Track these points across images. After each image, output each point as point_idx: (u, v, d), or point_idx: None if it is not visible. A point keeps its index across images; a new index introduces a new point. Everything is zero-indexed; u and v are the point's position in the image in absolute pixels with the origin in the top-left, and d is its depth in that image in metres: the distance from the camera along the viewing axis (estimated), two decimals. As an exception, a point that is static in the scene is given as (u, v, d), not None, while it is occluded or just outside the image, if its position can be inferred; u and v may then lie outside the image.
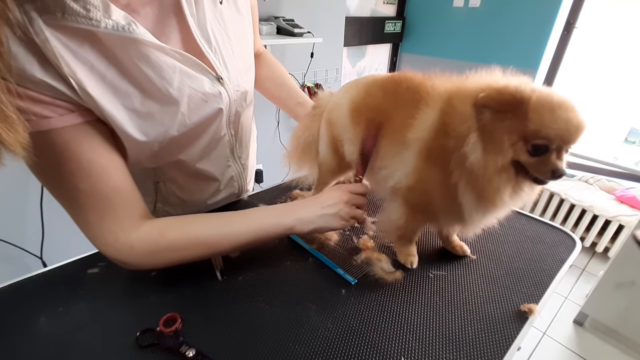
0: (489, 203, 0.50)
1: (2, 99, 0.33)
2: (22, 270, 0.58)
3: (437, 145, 0.51)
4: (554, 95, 0.44)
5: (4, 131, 0.34)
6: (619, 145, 2.04)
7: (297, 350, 0.47)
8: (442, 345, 0.49)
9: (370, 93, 0.63)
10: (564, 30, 2.24)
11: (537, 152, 0.45)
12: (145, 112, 0.50)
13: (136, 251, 0.51)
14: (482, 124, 0.46)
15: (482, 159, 0.47)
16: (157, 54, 0.48)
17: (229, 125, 0.66)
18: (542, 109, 0.43)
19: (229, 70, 0.59)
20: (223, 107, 0.60)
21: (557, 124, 0.43)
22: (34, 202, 1.28)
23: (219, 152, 0.68)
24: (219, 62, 0.57)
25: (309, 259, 0.64)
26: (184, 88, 0.52)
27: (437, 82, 0.55)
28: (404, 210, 0.60)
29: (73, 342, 0.48)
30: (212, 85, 0.56)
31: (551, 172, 0.45)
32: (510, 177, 0.48)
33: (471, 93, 0.48)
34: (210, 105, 0.58)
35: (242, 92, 0.64)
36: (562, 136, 0.43)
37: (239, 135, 0.72)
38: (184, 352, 0.45)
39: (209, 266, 0.61)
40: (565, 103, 0.43)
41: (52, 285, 0.57)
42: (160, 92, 0.50)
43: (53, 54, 0.40)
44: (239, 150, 0.74)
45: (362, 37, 2.55)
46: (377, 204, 0.81)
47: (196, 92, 0.54)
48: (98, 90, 0.45)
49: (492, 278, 0.62)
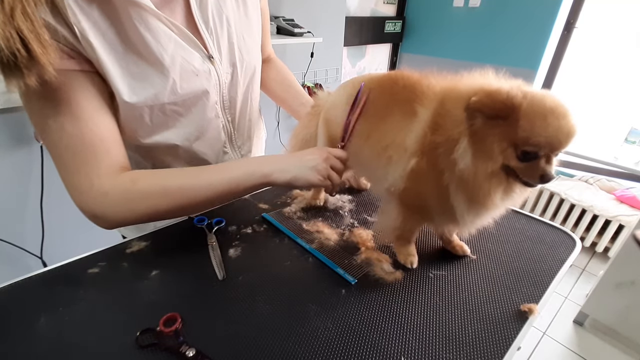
0: (480, 206, 0.50)
1: (38, 24, 0.40)
2: (22, 270, 0.58)
3: (431, 146, 0.51)
4: (547, 101, 0.43)
5: (41, 53, 0.40)
6: (619, 145, 2.04)
7: (297, 350, 0.47)
8: (442, 345, 0.49)
9: (367, 92, 0.63)
10: (564, 30, 2.24)
11: (526, 158, 0.45)
12: (138, 73, 0.53)
13: (109, 199, 0.52)
14: (474, 130, 0.46)
15: (472, 165, 0.47)
16: (157, 22, 0.53)
17: (224, 110, 0.68)
18: (533, 116, 0.42)
19: (222, 53, 0.63)
20: (212, 85, 0.63)
21: (547, 131, 0.42)
22: (34, 202, 1.28)
23: (213, 135, 0.69)
24: (213, 43, 0.61)
25: (309, 259, 0.64)
26: (177, 57, 0.56)
27: (432, 81, 0.55)
28: (401, 210, 0.60)
29: (73, 342, 0.47)
30: (202, 62, 0.60)
31: (540, 177, 0.45)
32: (501, 181, 0.48)
33: (463, 96, 0.47)
34: (200, 80, 0.60)
35: (233, 77, 0.67)
36: (552, 144, 0.43)
37: (238, 124, 0.74)
38: (184, 352, 0.45)
39: (209, 266, 0.61)
40: (557, 109, 0.42)
41: (52, 285, 0.57)
42: (154, 56, 0.54)
43: (62, 3, 0.44)
44: (238, 140, 0.76)
45: (362, 37, 2.55)
46: (375, 204, 0.81)
47: (188, 64, 0.58)
48: (98, 43, 0.48)
49: (492, 278, 0.62)
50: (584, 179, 2.33)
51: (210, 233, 0.68)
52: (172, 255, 0.63)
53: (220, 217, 0.72)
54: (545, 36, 2.21)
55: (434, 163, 0.50)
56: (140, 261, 0.62)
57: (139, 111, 0.56)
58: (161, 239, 0.68)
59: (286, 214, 0.76)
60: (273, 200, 0.81)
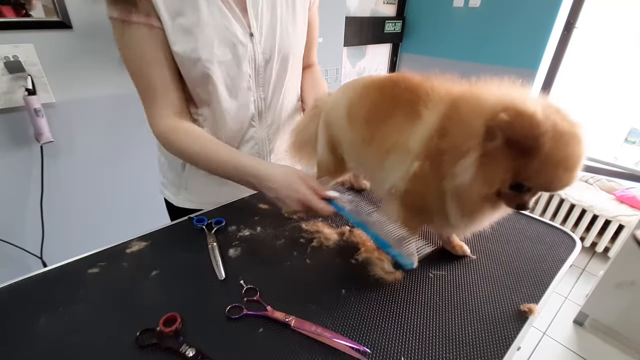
0: (470, 219, 0.51)
1: None
2: (22, 270, 0.58)
3: (436, 150, 0.49)
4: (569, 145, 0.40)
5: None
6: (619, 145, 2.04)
7: (297, 350, 0.47)
8: (442, 345, 0.49)
9: (368, 94, 0.62)
10: (564, 30, 2.24)
11: (516, 188, 0.44)
12: (185, 28, 0.64)
13: (157, 133, 0.71)
14: (487, 151, 0.43)
15: (470, 184, 0.45)
16: None
17: (257, 85, 0.76)
18: (549, 162, 0.40)
19: (262, 34, 0.71)
20: (247, 57, 0.71)
21: (551, 179, 0.42)
22: (34, 202, 1.28)
23: (243, 103, 0.76)
24: (256, 23, 0.70)
25: (308, 260, 0.64)
26: (220, 24, 0.66)
27: (436, 83, 0.54)
28: (401, 211, 0.59)
29: (73, 342, 0.48)
30: (243, 35, 0.69)
31: (517, 206, 0.46)
32: (491, 201, 0.48)
33: (487, 107, 0.43)
34: (237, 49, 0.69)
35: (270, 58, 0.74)
36: (548, 188, 0.44)
37: (270, 104, 0.80)
38: (184, 352, 0.45)
39: (209, 266, 0.61)
40: (572, 157, 0.41)
41: (52, 285, 0.57)
42: (203, 17, 0.64)
43: None
44: (268, 118, 0.81)
45: (362, 37, 2.54)
46: (376, 203, 0.81)
47: (229, 33, 0.67)
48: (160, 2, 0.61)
49: (492, 278, 0.62)
50: (584, 179, 2.33)
51: (210, 233, 0.68)
52: (172, 255, 0.64)
53: (220, 217, 0.72)
54: (545, 36, 2.21)
55: (438, 167, 0.49)
56: (140, 261, 0.62)
57: (184, 60, 0.66)
58: (161, 239, 0.68)
59: (286, 214, 0.76)
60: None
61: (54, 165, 1.29)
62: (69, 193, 1.36)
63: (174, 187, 0.86)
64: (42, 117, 1.17)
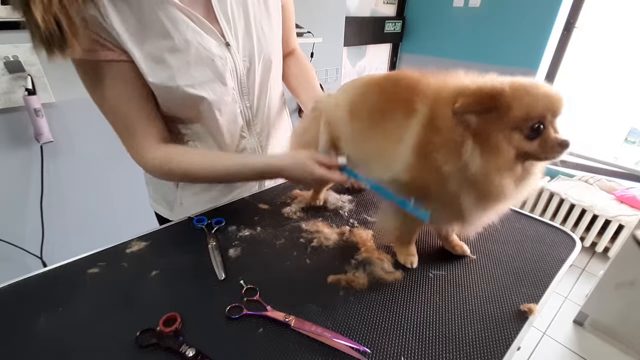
0: (492, 201, 0.50)
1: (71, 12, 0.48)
2: (22, 270, 0.58)
3: (430, 144, 0.50)
4: (523, 80, 0.46)
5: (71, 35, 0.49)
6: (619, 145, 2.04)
7: (297, 350, 0.47)
8: (442, 345, 0.49)
9: (369, 91, 0.63)
10: (564, 30, 2.24)
11: (536, 133, 0.46)
12: (157, 56, 0.59)
13: (150, 168, 0.67)
14: (474, 130, 0.47)
15: (483, 163, 0.47)
16: (176, 11, 0.58)
17: (241, 96, 0.73)
18: (520, 95, 0.45)
19: (239, 41, 0.67)
20: (228, 70, 0.67)
21: (540, 100, 0.45)
22: (34, 202, 1.28)
23: (230, 119, 0.73)
24: (230, 31, 0.65)
25: (308, 260, 0.64)
26: (193, 42, 0.61)
27: (431, 79, 0.55)
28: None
29: (73, 342, 0.47)
30: (218, 48, 0.65)
31: (558, 144, 0.46)
32: (513, 172, 0.48)
33: (449, 100, 0.48)
34: (216, 65, 0.65)
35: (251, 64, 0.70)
36: (550, 108, 0.45)
37: (256, 112, 0.77)
38: (184, 352, 0.45)
39: (209, 266, 0.61)
40: (535, 83, 0.46)
41: (52, 285, 0.57)
42: (172, 40, 0.59)
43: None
44: (257, 125, 0.79)
45: (362, 37, 2.55)
46: (375, 204, 0.81)
47: (204, 49, 0.63)
48: (122, 30, 0.56)
49: (492, 278, 0.62)
50: (584, 179, 2.33)
51: (210, 233, 0.68)
52: (172, 255, 0.64)
53: (220, 217, 0.72)
54: (545, 36, 2.21)
55: (434, 162, 0.50)
56: (140, 261, 0.62)
57: (162, 90, 0.63)
58: (161, 239, 0.68)
59: (286, 214, 0.76)
60: (273, 200, 0.81)
61: (53, 165, 1.29)
62: (68, 193, 1.36)
63: (166, 204, 0.84)
64: (42, 117, 1.17)
